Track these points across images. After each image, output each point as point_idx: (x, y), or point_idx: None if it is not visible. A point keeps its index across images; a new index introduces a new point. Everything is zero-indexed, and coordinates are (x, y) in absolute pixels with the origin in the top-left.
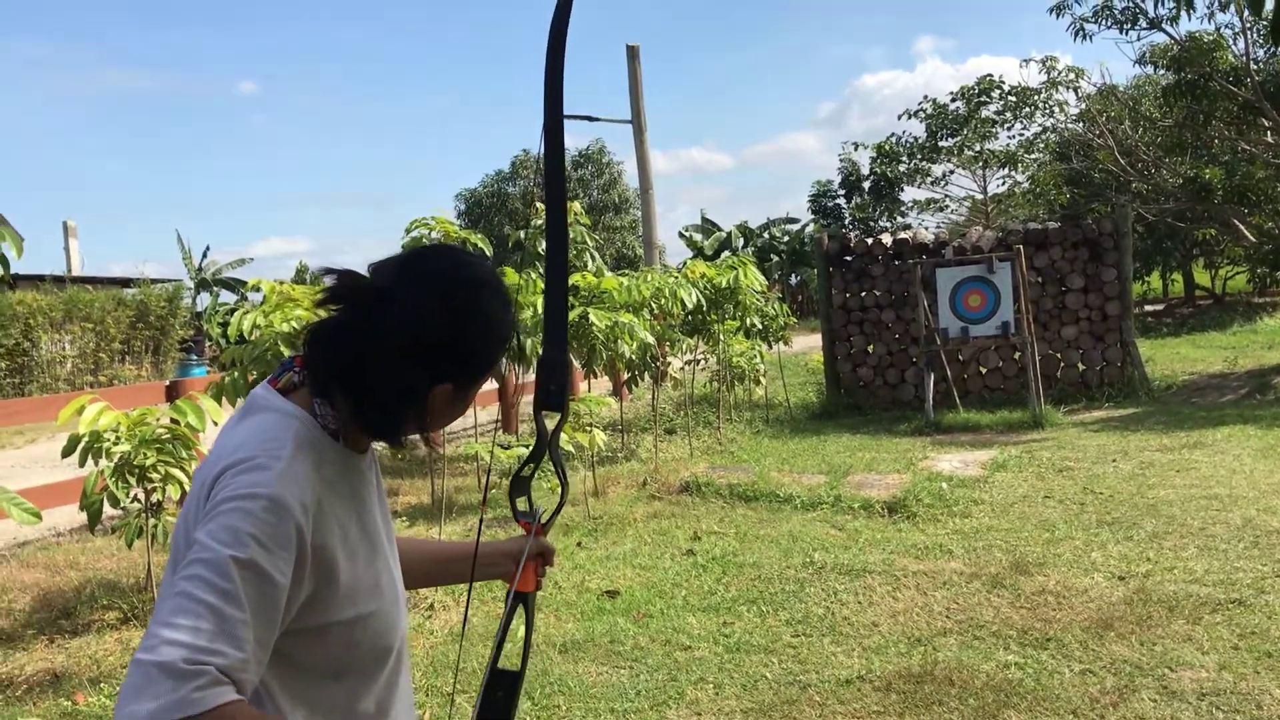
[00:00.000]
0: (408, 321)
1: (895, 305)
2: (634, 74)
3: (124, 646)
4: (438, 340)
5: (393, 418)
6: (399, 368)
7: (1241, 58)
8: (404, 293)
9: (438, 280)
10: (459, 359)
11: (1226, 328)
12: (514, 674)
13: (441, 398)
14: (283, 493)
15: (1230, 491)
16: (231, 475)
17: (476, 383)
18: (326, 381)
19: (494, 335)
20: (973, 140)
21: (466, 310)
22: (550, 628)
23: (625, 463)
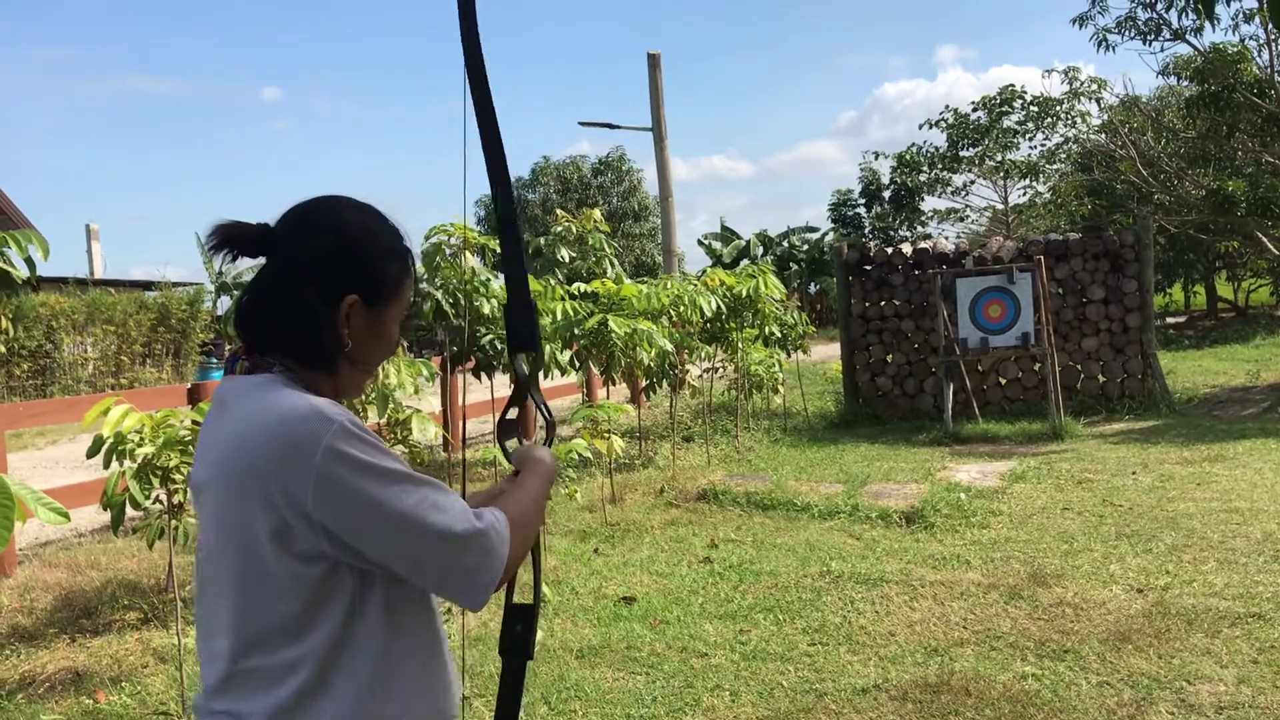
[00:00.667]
0: (299, 249)
1: (915, 315)
2: (654, 81)
3: (144, 646)
4: (328, 256)
5: (315, 342)
6: (302, 291)
7: (1266, 70)
8: (294, 230)
9: (320, 212)
10: (353, 268)
11: (1249, 340)
12: (529, 607)
13: (355, 314)
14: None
15: (1251, 505)
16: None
17: (385, 299)
18: (261, 343)
19: (380, 247)
20: (994, 150)
21: (347, 227)
22: (567, 633)
23: (643, 470)
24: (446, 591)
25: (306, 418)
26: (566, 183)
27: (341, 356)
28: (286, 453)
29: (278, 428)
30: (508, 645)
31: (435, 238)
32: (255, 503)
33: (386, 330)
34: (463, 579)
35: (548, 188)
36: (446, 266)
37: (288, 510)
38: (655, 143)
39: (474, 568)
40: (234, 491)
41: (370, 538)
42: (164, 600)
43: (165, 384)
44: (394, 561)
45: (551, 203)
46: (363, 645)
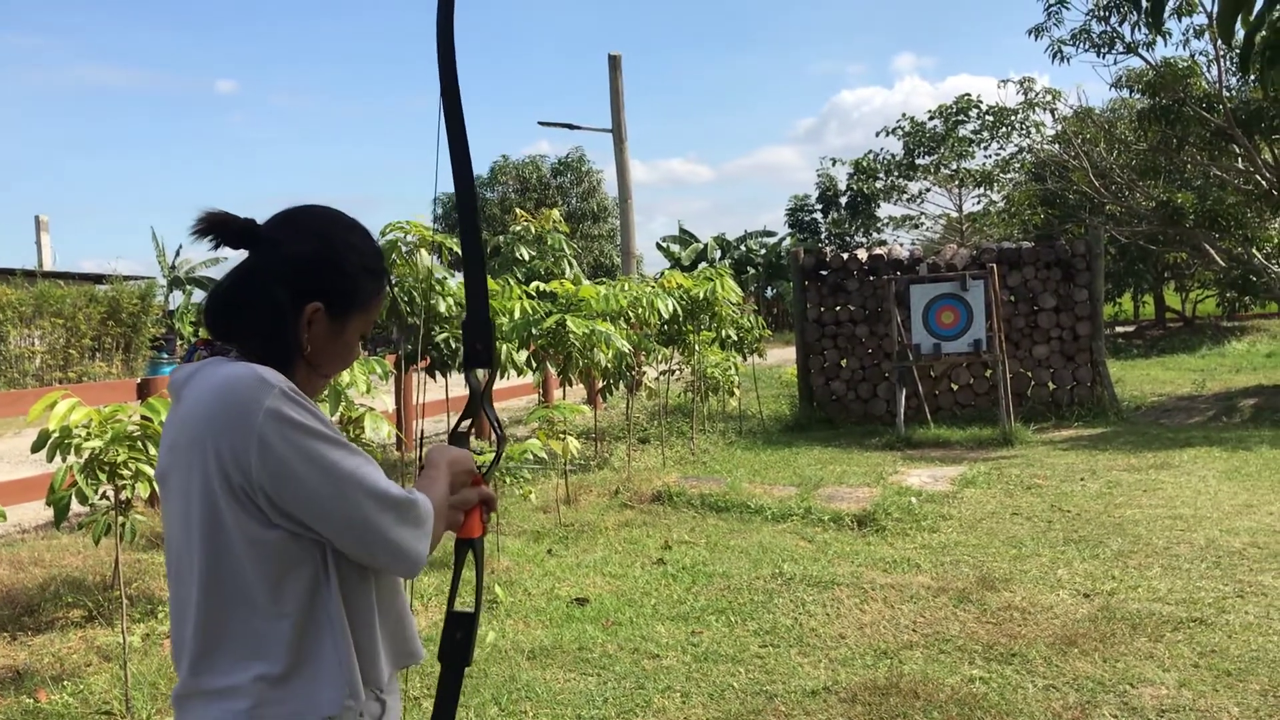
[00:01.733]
0: (278, 249)
1: (869, 320)
2: (615, 83)
3: (88, 645)
4: (303, 260)
5: (276, 339)
6: (273, 290)
7: (1214, 85)
8: (278, 233)
9: (306, 218)
10: (325, 276)
11: (1195, 350)
12: (469, 615)
13: (317, 321)
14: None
15: (1195, 512)
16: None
17: (351, 311)
18: (225, 331)
19: (359, 262)
20: (949, 159)
21: (330, 239)
22: (519, 634)
23: (598, 471)
24: (382, 557)
25: (247, 381)
26: (525, 182)
27: (299, 358)
28: (229, 415)
29: (221, 392)
30: (447, 651)
31: (391, 235)
32: (210, 470)
33: (347, 341)
34: (399, 546)
35: (506, 187)
36: (402, 264)
37: (235, 472)
38: (615, 144)
39: (409, 536)
40: (190, 465)
41: (310, 500)
42: (109, 598)
43: (115, 379)
44: (331, 524)
45: (510, 202)
46: (337, 610)
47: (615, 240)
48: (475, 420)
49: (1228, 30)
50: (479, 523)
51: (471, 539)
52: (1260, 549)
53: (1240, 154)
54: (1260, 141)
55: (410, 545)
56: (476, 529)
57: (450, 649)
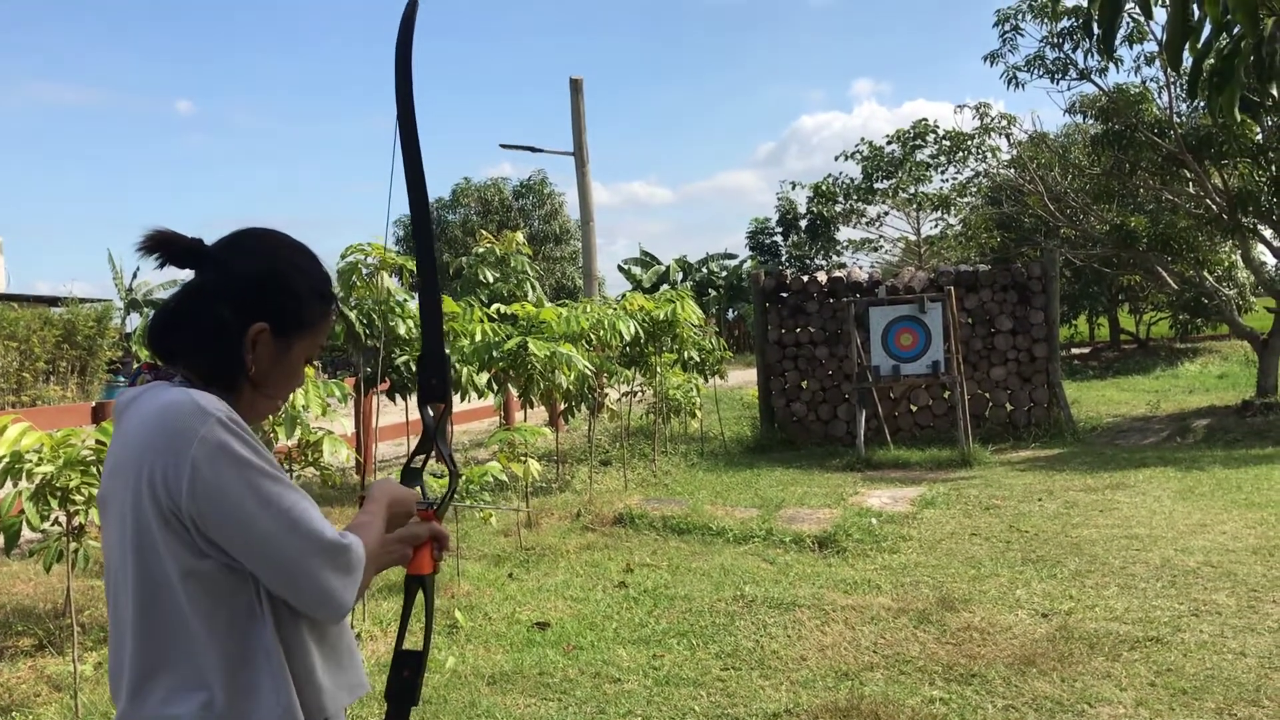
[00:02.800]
0: (225, 269)
1: (829, 342)
2: (577, 107)
3: (38, 674)
4: (250, 281)
5: (219, 359)
6: (218, 309)
7: (1165, 111)
8: (225, 253)
9: (254, 240)
10: (271, 297)
11: (1149, 372)
12: (418, 654)
13: (262, 342)
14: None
15: (1150, 532)
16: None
17: (296, 332)
18: (169, 351)
19: (304, 285)
20: (907, 183)
21: (277, 259)
22: (479, 659)
23: (559, 494)
24: (306, 599)
25: (185, 408)
26: (487, 204)
27: (244, 379)
28: (164, 442)
29: (158, 419)
30: (394, 690)
31: (351, 257)
32: (143, 496)
33: (293, 363)
34: (325, 591)
35: (468, 209)
36: (362, 286)
37: (167, 499)
38: (577, 167)
39: (336, 583)
40: (126, 490)
41: (238, 534)
42: (61, 626)
43: (70, 402)
44: (258, 560)
45: (472, 224)
46: (272, 642)
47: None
48: (427, 457)
49: (1176, 57)
50: (429, 559)
51: (421, 575)
52: (1214, 568)
53: (1191, 179)
54: (1210, 166)
55: (337, 592)
56: (426, 565)
57: (398, 688)
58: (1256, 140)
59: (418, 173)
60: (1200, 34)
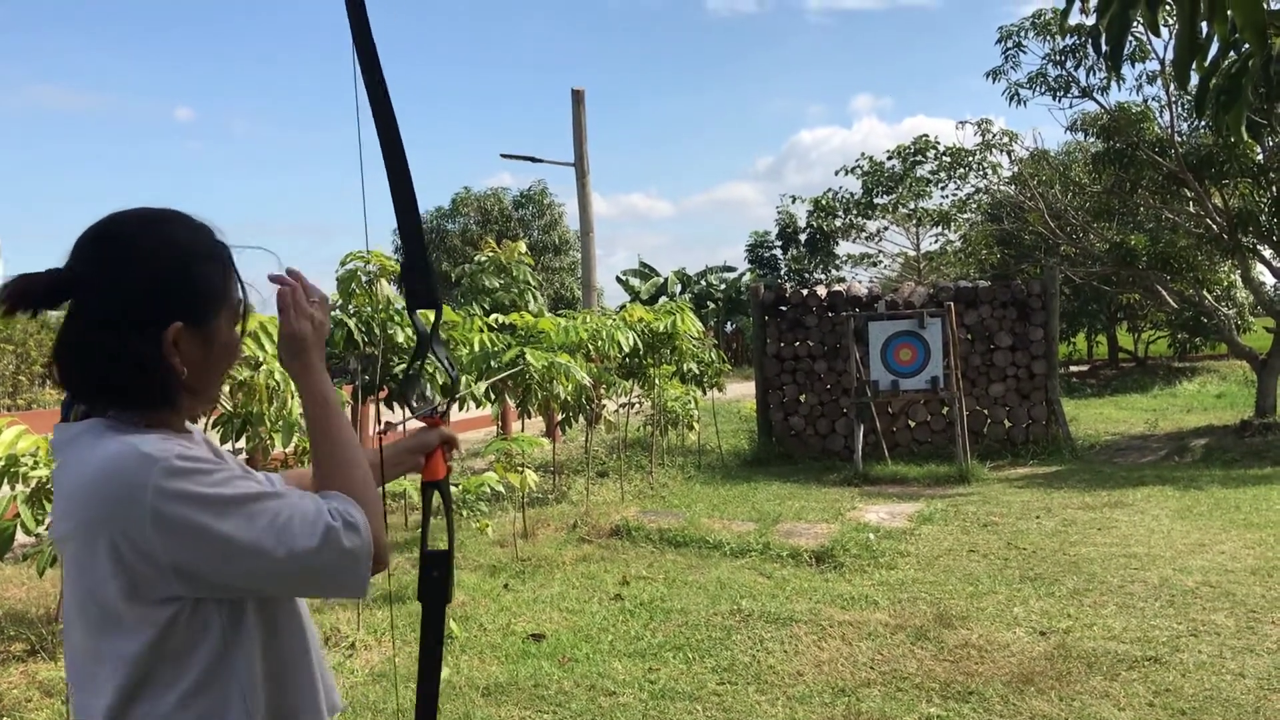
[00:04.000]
0: (101, 290)
1: (828, 356)
2: (578, 118)
3: (30, 679)
4: (135, 290)
5: (146, 387)
6: (116, 338)
7: (1167, 130)
8: (89, 267)
9: (112, 241)
10: (166, 294)
11: (1148, 390)
12: (444, 553)
13: (183, 341)
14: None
15: (1148, 550)
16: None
17: (212, 312)
18: (89, 397)
19: (193, 255)
20: (907, 198)
21: (151, 249)
22: (474, 670)
23: (556, 505)
24: (327, 595)
25: (128, 462)
26: (487, 214)
27: (179, 390)
28: (117, 501)
29: (101, 478)
30: (425, 591)
31: (351, 264)
32: (101, 556)
33: (224, 341)
34: (335, 582)
35: (468, 218)
36: (361, 294)
37: (134, 558)
38: (577, 178)
39: (342, 567)
40: (83, 544)
41: (227, 571)
42: (53, 631)
43: None
44: (261, 588)
45: (472, 233)
46: (245, 672)
47: (576, 273)
48: (424, 361)
49: (1184, 75)
50: (442, 464)
51: (436, 480)
52: (1212, 588)
53: (1191, 198)
54: (1210, 186)
55: (346, 576)
56: (440, 470)
57: (428, 588)
58: (1257, 160)
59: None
60: (1208, 52)
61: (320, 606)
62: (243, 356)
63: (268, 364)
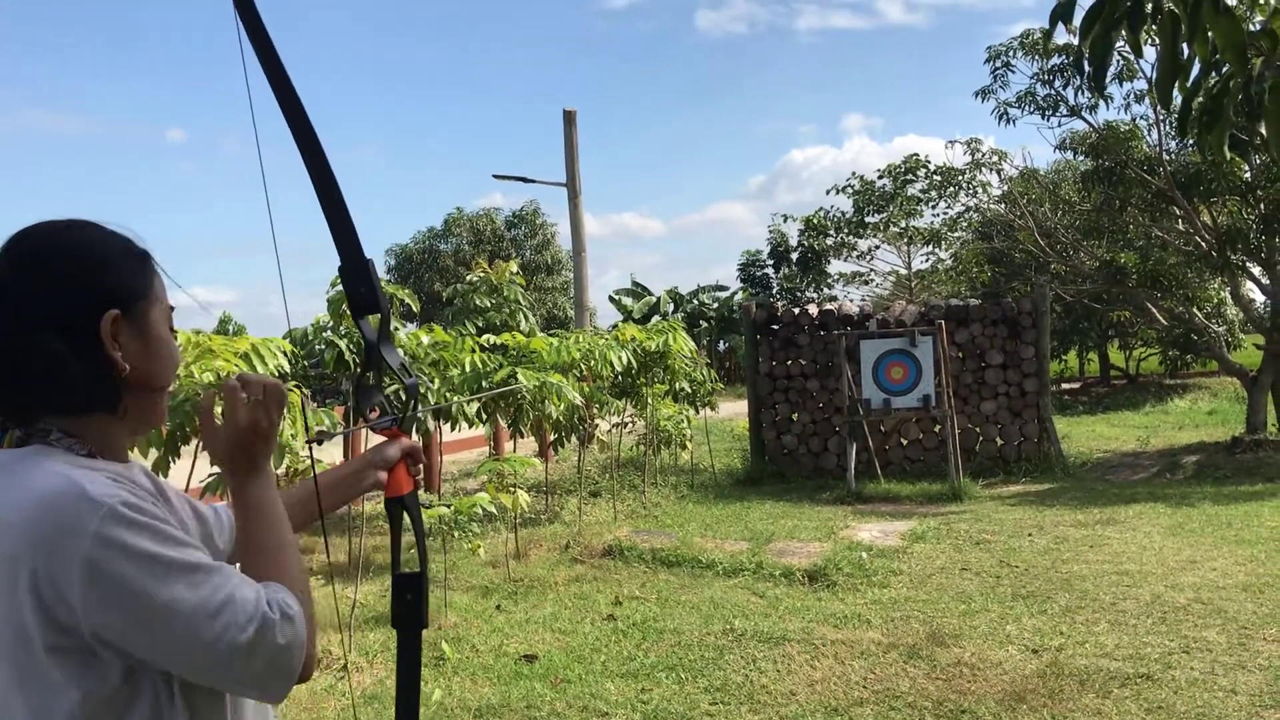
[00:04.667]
0: (22, 295)
1: (820, 375)
2: (570, 138)
3: None
4: (60, 286)
5: (84, 389)
6: (45, 340)
7: (1155, 148)
8: (6, 279)
9: (27, 247)
10: (93, 286)
11: (1139, 408)
12: (416, 575)
13: (121, 328)
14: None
15: (1140, 568)
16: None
17: (141, 299)
18: (22, 410)
19: (112, 250)
20: (898, 217)
21: (67, 246)
22: (466, 692)
23: (548, 525)
24: (239, 691)
25: (69, 500)
26: (479, 234)
27: (123, 388)
28: (49, 540)
29: (37, 513)
30: (400, 615)
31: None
32: (22, 597)
33: (159, 335)
34: (257, 681)
35: (460, 238)
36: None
37: (56, 605)
38: (569, 198)
39: (272, 664)
40: (5, 574)
41: (148, 642)
42: None
43: None
44: (174, 665)
45: (464, 254)
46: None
47: (569, 293)
48: (377, 370)
49: (1166, 95)
50: (406, 478)
51: (400, 496)
52: (1204, 604)
53: (1180, 216)
54: (1199, 204)
55: (269, 679)
56: (405, 485)
57: (403, 612)
58: (1245, 178)
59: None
60: (1190, 72)
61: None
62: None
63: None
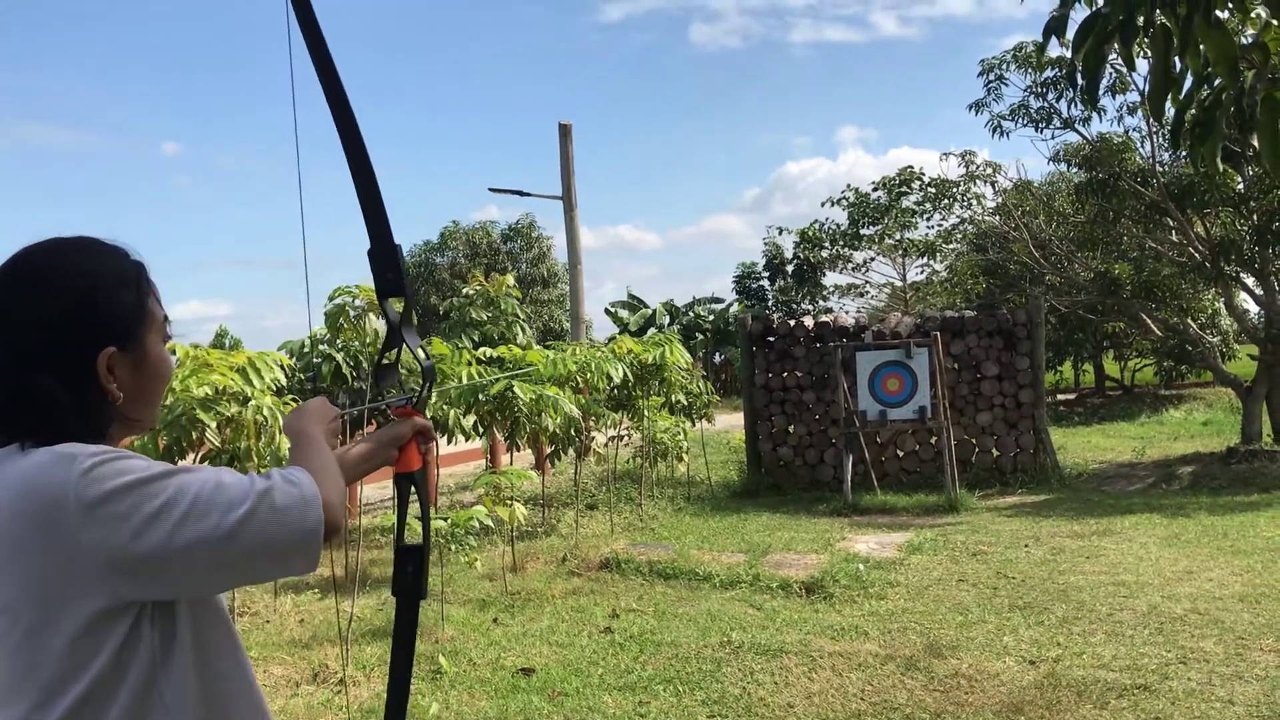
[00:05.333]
0: (16, 333)
1: (816, 386)
2: (566, 151)
3: None
4: (53, 328)
5: (79, 422)
6: (42, 382)
7: (1148, 160)
8: (6, 306)
9: (18, 281)
10: (89, 325)
11: (1135, 418)
12: (418, 548)
13: (118, 363)
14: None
15: (1137, 578)
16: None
17: (138, 334)
18: (20, 434)
19: (106, 282)
20: (893, 229)
21: (61, 283)
22: (463, 705)
23: (545, 538)
24: (266, 574)
25: (47, 464)
26: (475, 247)
27: (113, 413)
28: (46, 511)
29: (24, 485)
30: (401, 587)
31: (339, 299)
32: (20, 576)
33: (154, 359)
34: (271, 554)
35: (456, 251)
36: (349, 329)
37: (64, 564)
38: (565, 211)
39: (277, 534)
40: (11, 550)
41: (166, 549)
42: None
43: None
44: (201, 567)
45: (460, 267)
46: (173, 707)
47: (565, 305)
48: (399, 350)
49: (1159, 108)
50: (416, 455)
51: (410, 473)
52: (1201, 615)
53: (1174, 227)
54: (1193, 215)
55: (285, 542)
56: (415, 461)
57: (403, 583)
58: (1238, 190)
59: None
60: (1182, 85)
61: (308, 642)
62: (230, 392)
63: (255, 399)
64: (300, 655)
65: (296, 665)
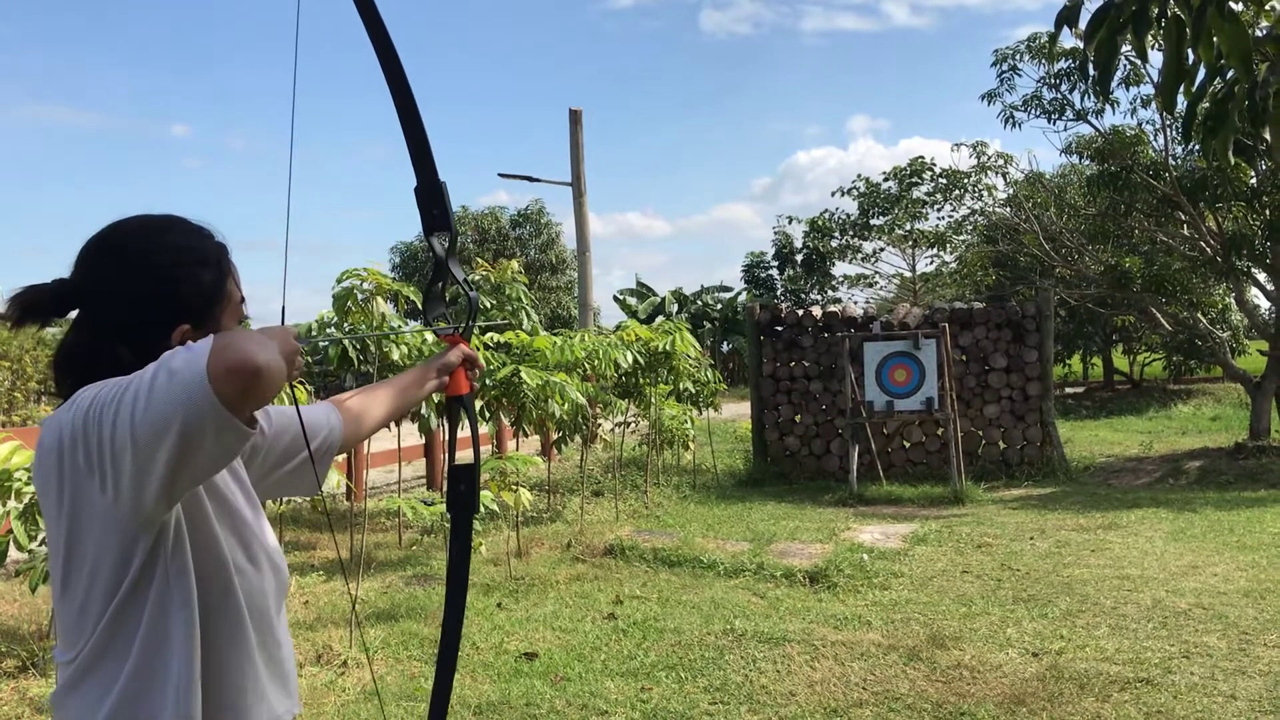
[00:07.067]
0: (106, 302)
1: (823, 377)
2: (575, 138)
3: (20, 696)
4: (140, 299)
5: None
6: (121, 354)
7: (1161, 153)
8: (92, 277)
9: (111, 253)
10: (169, 301)
11: (1143, 412)
12: (469, 466)
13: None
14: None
15: (1142, 572)
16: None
17: (213, 313)
18: (72, 390)
19: (189, 260)
20: (903, 220)
21: (154, 258)
22: (466, 689)
23: (550, 524)
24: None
25: (60, 411)
26: (484, 233)
27: None
28: (59, 448)
29: (45, 433)
30: (453, 502)
31: (347, 282)
32: (53, 504)
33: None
34: (176, 397)
35: (465, 237)
36: (357, 312)
37: (79, 495)
38: (574, 198)
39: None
40: (44, 496)
41: (114, 426)
42: (45, 648)
43: None
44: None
45: (469, 252)
46: (175, 674)
47: (573, 292)
48: (445, 283)
49: (1171, 100)
50: (465, 380)
51: (460, 395)
52: (1205, 609)
53: (1185, 221)
54: (1204, 209)
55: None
56: (464, 386)
57: (456, 499)
58: (1250, 184)
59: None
60: (1195, 78)
61: (312, 624)
62: None
63: None
64: (304, 637)
65: (301, 647)
